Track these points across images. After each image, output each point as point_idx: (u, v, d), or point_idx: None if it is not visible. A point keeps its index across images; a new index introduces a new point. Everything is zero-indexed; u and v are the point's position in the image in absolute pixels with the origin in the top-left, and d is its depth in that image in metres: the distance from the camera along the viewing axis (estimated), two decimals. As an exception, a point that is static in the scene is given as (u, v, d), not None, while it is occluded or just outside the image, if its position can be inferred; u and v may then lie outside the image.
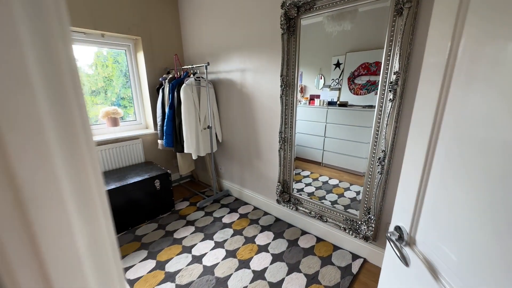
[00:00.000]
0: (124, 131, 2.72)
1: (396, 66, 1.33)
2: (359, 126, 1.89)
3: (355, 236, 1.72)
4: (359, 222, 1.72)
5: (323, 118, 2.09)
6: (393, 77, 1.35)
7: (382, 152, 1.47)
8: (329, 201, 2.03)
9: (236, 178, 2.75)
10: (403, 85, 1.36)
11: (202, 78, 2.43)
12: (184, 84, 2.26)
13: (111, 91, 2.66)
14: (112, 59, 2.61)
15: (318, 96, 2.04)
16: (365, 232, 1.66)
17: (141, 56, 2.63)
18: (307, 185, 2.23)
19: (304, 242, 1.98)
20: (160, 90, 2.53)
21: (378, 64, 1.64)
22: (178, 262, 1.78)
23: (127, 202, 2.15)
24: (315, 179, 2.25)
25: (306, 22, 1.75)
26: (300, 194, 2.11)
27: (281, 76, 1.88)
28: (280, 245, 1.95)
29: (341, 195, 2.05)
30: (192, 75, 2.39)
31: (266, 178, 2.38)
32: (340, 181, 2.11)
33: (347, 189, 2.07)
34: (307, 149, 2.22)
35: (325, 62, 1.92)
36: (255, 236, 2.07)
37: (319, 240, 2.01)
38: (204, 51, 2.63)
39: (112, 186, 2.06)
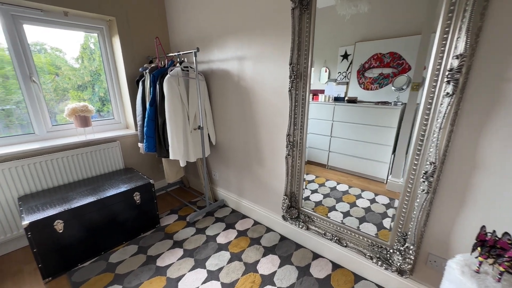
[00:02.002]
0: (98, 132, 2.28)
1: (460, 47, 0.94)
2: (371, 125, 1.63)
3: (386, 268, 1.36)
4: (391, 251, 1.36)
5: (329, 115, 1.81)
6: (454, 63, 0.96)
7: (430, 164, 1.10)
8: (341, 212, 1.72)
9: (233, 187, 2.36)
10: (467, 73, 0.98)
11: (191, 68, 2.00)
12: (167, 75, 1.83)
13: (99, 86, 2.33)
14: (100, 52, 2.24)
15: (322, 91, 1.76)
16: (400, 264, 1.30)
17: (117, 42, 2.18)
18: (313, 192, 1.88)
19: (318, 270, 1.61)
20: (140, 83, 2.09)
21: (392, 54, 1.43)
22: (159, 304, 1.39)
23: (100, 221, 1.74)
24: (322, 185, 1.91)
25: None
26: (313, 211, 1.73)
27: (290, 64, 1.48)
28: (288, 275, 1.58)
29: (353, 205, 1.74)
30: (178, 64, 1.96)
31: (269, 189, 1.99)
32: (349, 187, 1.82)
33: (359, 196, 1.76)
34: (311, 149, 1.92)
35: (331, 53, 1.66)
36: (257, 262, 1.69)
37: (335, 266, 1.65)
38: (193, 36, 2.19)
39: (79, 203, 1.64)
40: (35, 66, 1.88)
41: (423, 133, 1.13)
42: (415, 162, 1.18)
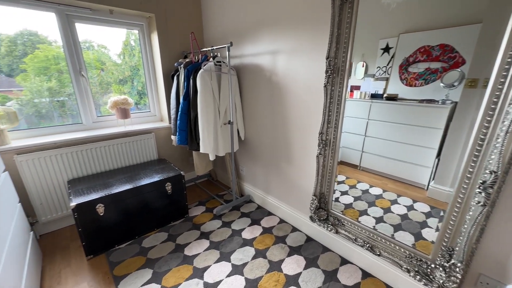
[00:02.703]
0: (135, 123, 2.42)
1: (540, 36, 0.79)
2: (413, 125, 1.47)
3: (425, 284, 1.23)
4: (432, 265, 1.22)
5: (364, 113, 1.68)
6: (531, 55, 0.81)
7: (491, 173, 0.95)
8: (373, 217, 1.60)
9: (259, 183, 2.34)
10: (548, 68, 0.82)
11: (223, 62, 2.01)
12: (201, 70, 1.86)
13: (137, 80, 2.49)
14: (139, 48, 2.40)
15: (357, 87, 1.62)
16: (443, 282, 1.17)
17: (155, 38, 2.27)
18: (343, 193, 1.78)
19: (346, 277, 1.53)
20: (175, 77, 2.17)
21: (443, 47, 1.26)
22: (186, 292, 1.44)
23: (135, 207, 1.85)
24: (353, 186, 1.79)
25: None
26: (343, 214, 1.64)
27: (327, 58, 1.39)
28: (314, 278, 1.52)
29: (387, 210, 1.60)
30: (211, 59, 1.98)
31: (297, 188, 1.93)
32: (384, 191, 1.68)
33: (395, 201, 1.61)
34: (342, 149, 1.79)
35: (371, 46, 1.51)
36: (282, 261, 1.66)
37: (365, 274, 1.55)
38: (227, 31, 2.20)
39: (118, 189, 1.76)
40: (84, 61, 2.05)
41: (483, 136, 0.98)
42: (470, 169, 1.03)
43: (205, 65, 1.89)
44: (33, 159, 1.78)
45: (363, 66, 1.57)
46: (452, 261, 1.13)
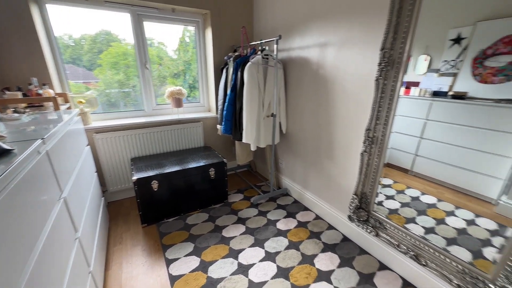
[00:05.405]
0: (186, 112, 2.66)
1: None
2: (483, 129, 1.25)
3: (480, 305, 1.10)
4: (492, 286, 1.08)
5: (422, 113, 1.49)
6: None
7: None
8: (422, 226, 1.46)
9: (298, 177, 2.35)
10: None
11: (271, 56, 2.05)
12: (249, 63, 1.93)
13: (189, 74, 2.72)
14: (193, 44, 2.63)
15: (416, 84, 1.44)
16: (503, 306, 1.02)
17: (209, 33, 2.44)
18: (388, 197, 1.64)
19: (383, 283, 1.45)
20: (224, 70, 2.30)
21: None
22: (222, 268, 1.55)
23: (182, 187, 2.06)
24: (400, 192, 1.64)
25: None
26: (387, 217, 1.54)
27: (381, 49, 1.31)
28: (348, 277, 1.49)
29: (440, 221, 1.43)
30: (259, 52, 2.04)
31: (337, 185, 1.88)
32: (439, 200, 1.48)
33: (451, 213, 1.42)
34: (391, 150, 1.64)
35: (437, 36, 1.32)
36: (315, 256, 1.66)
37: (406, 284, 1.44)
38: (276, 24, 2.23)
39: (169, 170, 1.99)
40: (148, 56, 2.33)
41: None
42: (554, 180, 0.87)
43: (253, 58, 1.96)
44: (106, 138, 2.12)
45: (425, 60, 1.42)
46: (519, 284, 0.98)
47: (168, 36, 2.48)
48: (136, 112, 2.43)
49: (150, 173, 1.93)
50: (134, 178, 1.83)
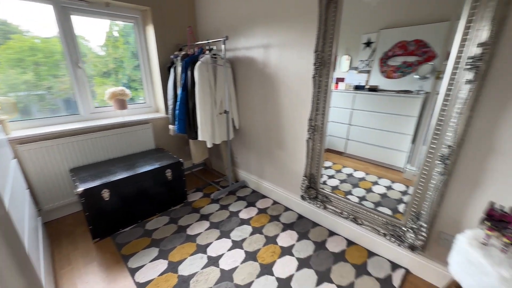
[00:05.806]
0: (132, 114, 2.49)
1: (483, 36, 0.99)
2: (391, 114, 1.67)
3: (399, 245, 1.47)
4: (404, 229, 1.46)
5: (348, 103, 1.86)
6: (476, 50, 1.02)
7: (447, 148, 1.17)
8: (356, 196, 1.81)
9: (253, 169, 2.51)
10: (489, 61, 1.03)
11: (219, 55, 2.13)
12: (198, 62, 1.97)
13: (121, 73, 2.48)
14: (123, 40, 2.38)
15: (342, 80, 1.79)
16: (412, 241, 1.40)
17: (150, 31, 2.34)
18: (330, 177, 1.98)
19: (333, 246, 1.75)
20: (172, 69, 2.26)
21: (418, 42, 1.44)
22: (192, 264, 1.59)
23: (137, 193, 1.96)
24: (338, 171, 2.00)
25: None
26: (331, 191, 1.85)
27: (315, 52, 1.56)
28: (306, 248, 1.73)
29: (369, 190, 1.82)
30: (207, 52, 2.09)
31: (289, 171, 2.12)
32: (366, 174, 1.89)
33: (375, 183, 1.83)
34: (328, 137, 1.98)
35: (354, 40, 1.68)
36: (276, 236, 1.85)
37: (350, 243, 1.77)
38: (221, 25, 2.31)
39: (121, 176, 1.86)
40: (80, 54, 2.09)
41: (442, 118, 1.19)
42: (432, 145, 1.25)
43: (202, 57, 2.00)
44: (34, 149, 1.83)
45: (347, 60, 1.74)
46: (419, 222, 1.36)
47: (90, 29, 2.14)
48: (69, 117, 2.15)
49: (98, 182, 1.77)
50: (80, 189, 1.66)
